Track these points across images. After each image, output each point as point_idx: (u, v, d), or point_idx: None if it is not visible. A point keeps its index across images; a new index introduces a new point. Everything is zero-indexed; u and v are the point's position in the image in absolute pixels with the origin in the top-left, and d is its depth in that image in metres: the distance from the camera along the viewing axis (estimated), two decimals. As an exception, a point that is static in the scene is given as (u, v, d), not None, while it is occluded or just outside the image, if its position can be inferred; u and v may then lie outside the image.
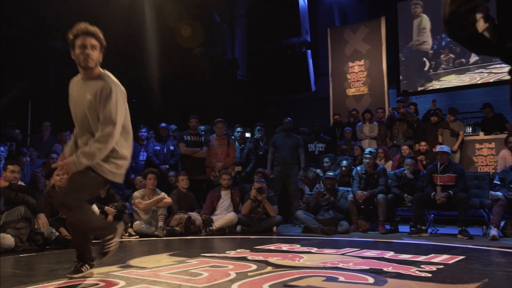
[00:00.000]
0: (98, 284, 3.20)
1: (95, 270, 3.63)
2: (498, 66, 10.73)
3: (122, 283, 3.21)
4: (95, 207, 6.03)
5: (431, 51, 11.84)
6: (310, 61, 12.77)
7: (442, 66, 11.66)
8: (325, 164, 8.25)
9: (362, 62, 12.01)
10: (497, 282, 3.31)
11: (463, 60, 11.32)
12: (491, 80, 10.82)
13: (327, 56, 12.64)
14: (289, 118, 8.60)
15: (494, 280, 3.31)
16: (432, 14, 11.72)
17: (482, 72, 11.01)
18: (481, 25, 1.44)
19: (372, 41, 11.90)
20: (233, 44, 14.49)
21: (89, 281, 3.32)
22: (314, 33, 13.37)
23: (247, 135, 9.76)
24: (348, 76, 12.19)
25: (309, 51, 12.84)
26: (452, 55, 11.52)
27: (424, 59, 11.91)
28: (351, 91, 12.14)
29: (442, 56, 11.70)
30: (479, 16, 1.45)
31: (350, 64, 12.19)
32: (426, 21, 11.86)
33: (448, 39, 11.51)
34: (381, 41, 11.76)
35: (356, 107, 11.23)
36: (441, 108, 9.67)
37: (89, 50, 3.28)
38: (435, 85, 11.66)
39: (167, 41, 10.64)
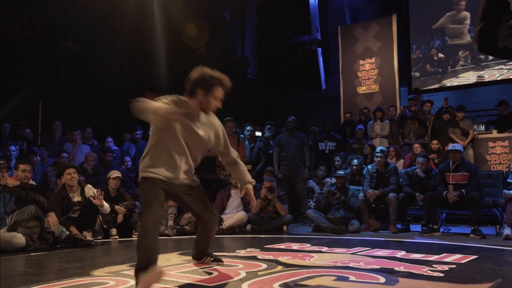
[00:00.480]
0: (108, 283, 3.20)
1: (106, 269, 3.65)
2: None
3: (132, 282, 3.20)
4: (106, 206, 6.06)
5: (447, 48, 11.63)
6: (321, 59, 12.71)
7: (460, 62, 11.48)
8: (336, 163, 8.21)
9: (373, 60, 11.93)
10: (511, 282, 3.26)
11: (481, 56, 11.10)
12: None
13: (338, 54, 12.57)
14: (292, 117, 8.59)
15: (508, 280, 3.26)
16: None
17: (501, 69, 10.79)
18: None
19: (383, 39, 11.80)
20: (243, 42, 14.46)
21: (99, 279, 3.33)
22: (324, 31, 13.29)
23: (257, 134, 9.73)
24: (359, 74, 12.12)
25: (320, 49, 12.77)
26: (468, 52, 11.33)
27: (441, 54, 11.73)
28: (362, 89, 12.06)
29: (460, 52, 11.52)
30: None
31: (361, 62, 12.11)
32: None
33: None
34: (393, 39, 11.66)
35: (367, 105, 11.17)
36: (454, 106, 9.56)
37: (220, 103, 3.48)
38: (454, 81, 11.47)
39: (176, 40, 10.66)
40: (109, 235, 6.30)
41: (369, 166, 7.44)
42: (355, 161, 7.85)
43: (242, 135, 8.89)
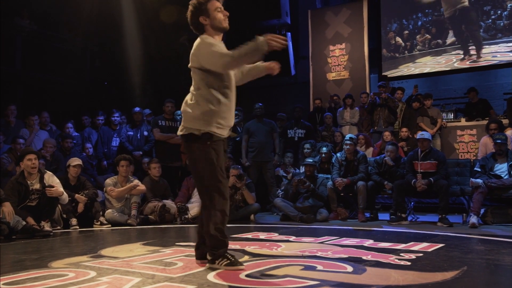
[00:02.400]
0: (67, 275, 3.11)
1: (65, 261, 3.58)
2: (475, 47, 10.69)
3: (92, 273, 3.15)
4: (64, 195, 5.84)
5: (406, 32, 11.71)
6: (290, 44, 12.56)
7: (418, 47, 11.55)
8: (305, 150, 8.15)
9: (343, 46, 11.88)
10: (476, 269, 3.30)
11: (439, 41, 11.21)
12: (467, 63, 10.75)
13: (308, 39, 12.48)
14: (260, 104, 8.51)
15: (473, 268, 3.31)
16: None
17: (458, 54, 10.90)
18: None
19: (354, 24, 11.75)
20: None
21: (58, 272, 3.24)
22: (294, 15, 13.15)
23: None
24: (329, 60, 12.07)
25: (289, 33, 12.62)
26: (428, 36, 11.40)
27: (399, 39, 11.79)
28: (331, 76, 12.02)
29: (418, 36, 11.57)
30: None
31: (331, 47, 12.06)
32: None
33: (425, 19, 11.44)
34: (363, 24, 11.63)
35: (337, 92, 11.14)
36: (423, 93, 9.63)
37: (224, 11, 3.36)
38: (411, 67, 11.53)
39: (143, 22, 10.35)
40: (69, 225, 6.12)
41: (338, 154, 7.42)
42: (324, 148, 7.81)
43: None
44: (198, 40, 3.29)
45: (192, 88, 3.32)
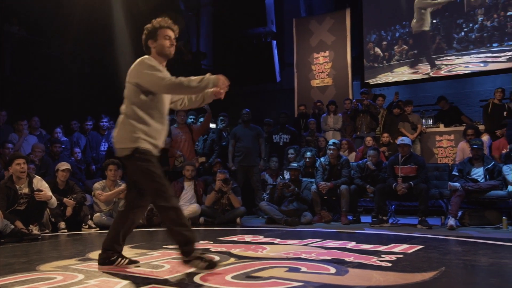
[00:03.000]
0: (55, 278, 3.13)
1: (53, 264, 3.58)
2: (449, 58, 11.11)
3: (80, 276, 3.17)
4: (53, 199, 5.88)
5: (384, 42, 12.05)
6: (275, 51, 12.74)
7: (396, 57, 11.89)
8: (290, 155, 8.27)
9: (327, 54, 12.09)
10: (454, 270, 3.40)
11: (415, 51, 11.59)
12: (442, 72, 11.11)
13: (292, 47, 12.65)
14: (247, 110, 8.60)
15: (451, 268, 3.40)
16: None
17: (433, 64, 11.31)
18: None
19: (337, 33, 11.97)
20: (198, 33, 14.30)
21: (46, 275, 3.25)
22: (279, 24, 13.33)
23: (211, 125, 9.68)
24: (313, 67, 12.26)
25: (275, 41, 12.81)
26: (405, 47, 11.76)
27: (378, 49, 12.11)
28: (315, 82, 12.21)
29: (396, 47, 11.91)
30: None
31: (315, 55, 12.25)
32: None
33: (402, 30, 11.80)
34: (346, 33, 11.86)
35: (321, 98, 11.32)
36: (403, 100, 9.84)
37: (173, 41, 3.53)
38: (389, 76, 11.88)
39: (132, 28, 10.40)
40: (58, 228, 6.13)
41: (322, 159, 7.55)
42: (308, 153, 7.95)
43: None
44: (140, 59, 3.43)
45: (123, 106, 3.42)
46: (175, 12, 11.93)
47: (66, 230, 6.12)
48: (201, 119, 8.84)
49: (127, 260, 3.51)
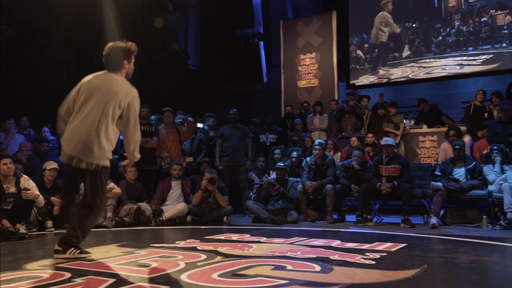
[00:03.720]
0: (42, 276, 3.13)
1: (40, 262, 3.58)
2: (427, 60, 11.42)
3: (68, 274, 3.16)
4: (40, 198, 5.87)
5: (366, 45, 12.25)
6: (263, 52, 12.82)
7: (377, 59, 12.11)
8: (276, 155, 8.33)
9: (313, 55, 12.20)
10: (436, 268, 3.47)
11: (396, 54, 11.86)
12: (421, 74, 11.38)
13: (279, 48, 12.74)
14: (234, 110, 8.63)
15: (433, 266, 3.47)
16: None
17: (413, 66, 11.64)
18: None
19: (324, 34, 12.09)
20: (186, 33, 14.31)
21: (33, 273, 3.25)
22: (267, 25, 13.42)
23: (199, 125, 9.71)
24: (300, 69, 12.35)
25: (262, 42, 12.88)
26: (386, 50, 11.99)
27: (359, 51, 12.31)
28: (302, 83, 12.30)
29: (377, 50, 12.14)
30: None
31: (302, 56, 12.35)
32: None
33: None
34: (332, 35, 11.98)
35: (307, 99, 11.41)
36: (388, 101, 9.97)
37: None
38: (370, 78, 12.08)
39: (121, 28, 10.37)
40: (45, 227, 6.12)
41: (308, 159, 7.62)
42: (295, 153, 8.02)
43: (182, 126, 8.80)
44: (134, 90, 3.87)
45: (96, 120, 3.70)
46: (164, 13, 11.93)
47: (53, 229, 6.10)
48: (189, 119, 8.89)
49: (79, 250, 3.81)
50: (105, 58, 3.92)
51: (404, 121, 9.76)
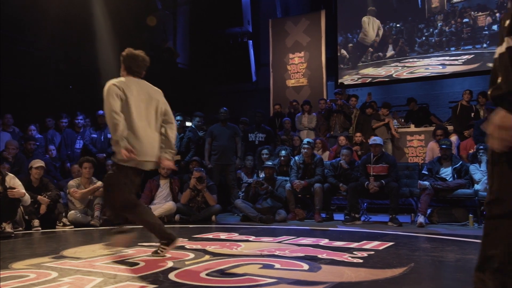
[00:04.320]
0: (28, 276, 3.11)
1: (26, 262, 3.56)
2: (411, 60, 11.61)
3: (54, 274, 3.15)
4: (26, 196, 5.82)
5: (350, 44, 12.37)
6: (251, 51, 12.81)
7: (362, 59, 12.20)
8: (264, 156, 8.32)
9: (302, 54, 12.23)
10: (423, 266, 3.52)
11: (380, 54, 12.01)
12: (404, 74, 11.52)
13: (268, 47, 12.74)
14: (224, 108, 8.63)
15: (420, 264, 3.52)
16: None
17: (397, 66, 11.82)
18: None
19: (313, 34, 12.12)
20: (175, 31, 14.25)
21: (19, 273, 3.23)
22: (256, 24, 13.43)
23: (188, 124, 9.68)
24: (288, 68, 12.37)
25: (251, 41, 12.87)
26: (370, 49, 12.11)
27: (343, 51, 12.45)
28: (291, 82, 12.33)
29: (361, 49, 12.29)
30: None
31: (291, 55, 12.37)
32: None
33: None
34: (321, 34, 12.02)
35: (296, 98, 11.44)
36: (377, 101, 10.03)
37: None
38: (354, 77, 12.20)
39: (109, 26, 10.31)
40: (31, 226, 6.07)
41: (296, 157, 7.64)
42: (283, 152, 8.03)
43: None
44: (160, 91, 4.18)
45: (156, 123, 3.94)
46: (152, 11, 11.88)
47: (40, 228, 6.05)
48: (178, 117, 8.87)
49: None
50: (132, 64, 3.99)
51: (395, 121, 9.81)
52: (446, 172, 6.80)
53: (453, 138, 8.20)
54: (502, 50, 1.57)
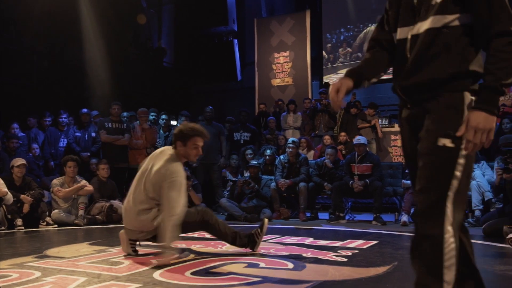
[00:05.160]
0: (11, 275, 3.08)
1: (9, 261, 3.53)
2: None
3: (37, 273, 3.13)
4: (9, 195, 5.75)
5: (329, 45, 12.47)
6: (237, 50, 12.81)
7: (340, 59, 12.31)
8: (248, 156, 8.30)
9: (287, 53, 12.27)
10: (406, 264, 3.49)
11: (359, 54, 12.11)
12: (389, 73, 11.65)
13: (254, 46, 12.76)
14: (210, 107, 8.64)
15: (403, 263, 3.54)
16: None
17: None
18: None
19: (298, 33, 12.17)
20: (160, 30, 14.19)
21: (2, 272, 3.19)
22: (241, 23, 13.42)
23: (173, 123, 9.66)
24: (274, 67, 12.41)
25: (236, 40, 12.87)
26: (349, 49, 12.21)
27: (323, 52, 12.59)
28: (276, 82, 12.36)
29: (340, 50, 12.36)
30: None
31: (276, 55, 12.40)
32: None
33: (347, 33, 12.36)
34: (306, 34, 12.07)
35: (281, 97, 11.47)
36: (361, 100, 10.08)
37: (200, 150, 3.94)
38: (333, 77, 12.29)
39: (93, 25, 10.24)
40: (14, 225, 5.98)
41: (281, 157, 7.66)
42: (268, 151, 8.04)
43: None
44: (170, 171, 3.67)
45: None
46: (137, 9, 11.82)
47: (23, 227, 5.97)
48: (163, 116, 8.86)
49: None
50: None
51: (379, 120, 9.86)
52: (429, 171, 6.85)
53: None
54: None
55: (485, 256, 4.05)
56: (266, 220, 4.13)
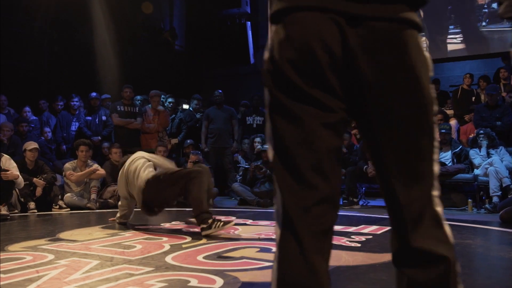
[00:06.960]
0: (25, 258, 3.09)
1: (22, 244, 3.55)
2: None
3: (50, 256, 3.14)
4: (20, 179, 5.77)
5: None
6: (250, 33, 12.67)
7: None
8: (256, 144, 8.21)
9: (302, 35, 12.10)
10: None
11: None
12: None
13: (267, 29, 12.58)
14: (219, 91, 8.57)
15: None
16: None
17: None
18: None
19: (313, 13, 11.99)
20: (171, 13, 14.09)
21: (15, 255, 3.21)
22: (254, 5, 13.24)
23: (185, 106, 9.63)
24: (288, 50, 12.25)
25: (249, 22, 12.72)
26: None
27: None
28: (290, 65, 12.22)
29: None
30: None
31: (290, 37, 12.24)
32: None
33: None
34: (320, 13, 11.88)
35: (295, 80, 11.33)
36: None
37: None
38: None
39: (104, 8, 10.18)
40: (27, 209, 6.03)
41: (295, 141, 7.57)
42: (281, 135, 7.95)
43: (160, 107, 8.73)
44: None
45: None
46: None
47: (35, 211, 6.02)
48: (169, 99, 8.86)
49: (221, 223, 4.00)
50: None
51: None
52: (446, 156, 6.76)
53: (453, 122, 8.15)
54: None
55: (502, 244, 3.98)
56: (232, 223, 4.24)
